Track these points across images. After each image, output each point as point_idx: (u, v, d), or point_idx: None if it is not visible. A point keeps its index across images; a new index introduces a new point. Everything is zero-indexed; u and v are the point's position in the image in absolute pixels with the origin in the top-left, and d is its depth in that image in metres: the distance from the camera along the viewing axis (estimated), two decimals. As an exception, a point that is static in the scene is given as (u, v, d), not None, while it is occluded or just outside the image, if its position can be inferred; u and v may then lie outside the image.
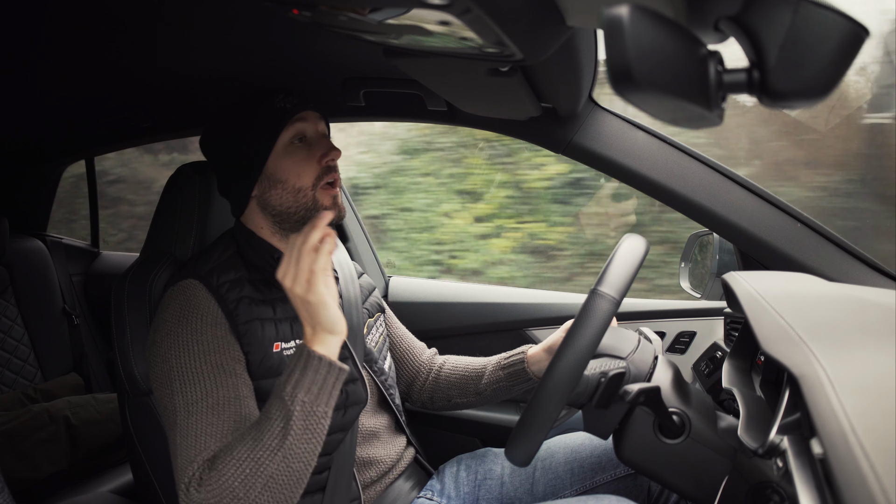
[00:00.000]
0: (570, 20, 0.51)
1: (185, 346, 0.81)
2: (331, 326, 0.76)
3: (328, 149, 0.92)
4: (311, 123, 0.93)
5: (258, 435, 0.72)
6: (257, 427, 0.73)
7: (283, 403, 0.72)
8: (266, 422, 0.72)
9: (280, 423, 0.72)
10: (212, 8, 0.78)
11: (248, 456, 0.71)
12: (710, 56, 0.37)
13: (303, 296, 0.75)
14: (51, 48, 0.93)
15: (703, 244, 1.35)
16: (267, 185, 0.91)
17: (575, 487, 1.01)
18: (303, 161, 0.91)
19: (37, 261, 1.84)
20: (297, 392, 0.73)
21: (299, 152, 0.91)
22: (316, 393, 0.73)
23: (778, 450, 0.57)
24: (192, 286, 0.86)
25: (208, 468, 0.72)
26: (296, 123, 0.91)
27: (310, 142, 0.93)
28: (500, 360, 1.08)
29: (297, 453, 0.72)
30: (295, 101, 0.92)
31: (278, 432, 0.71)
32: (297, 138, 0.92)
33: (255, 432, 0.72)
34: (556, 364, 0.72)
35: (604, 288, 0.74)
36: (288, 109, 0.91)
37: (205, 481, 0.71)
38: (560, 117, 1.06)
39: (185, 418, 0.77)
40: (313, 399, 0.73)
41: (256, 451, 0.71)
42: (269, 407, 0.74)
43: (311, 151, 0.91)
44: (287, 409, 0.72)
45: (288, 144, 0.91)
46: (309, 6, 0.49)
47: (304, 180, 0.90)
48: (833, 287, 0.80)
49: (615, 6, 0.31)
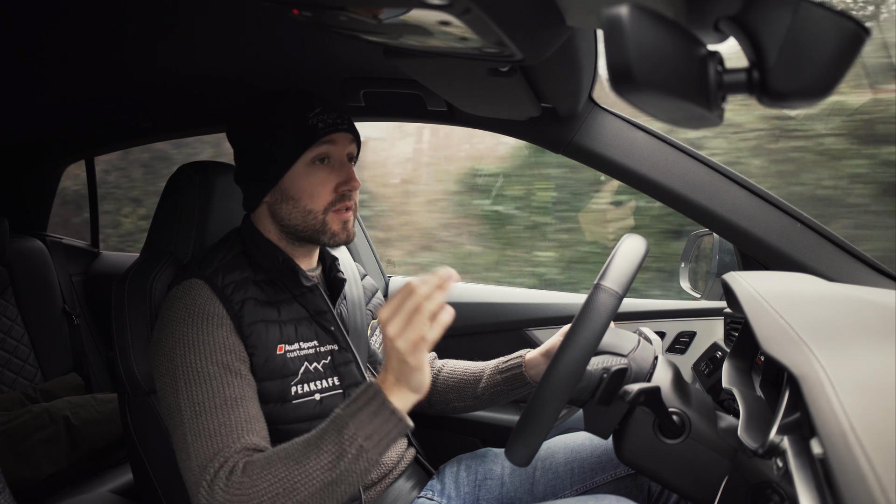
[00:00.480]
0: (570, 20, 0.51)
1: (191, 346, 0.81)
2: (417, 388, 0.72)
3: (348, 178, 0.90)
4: (338, 146, 0.91)
5: (303, 459, 0.71)
6: (304, 451, 0.71)
7: (341, 441, 0.70)
8: (315, 450, 0.71)
9: (331, 456, 0.70)
10: (212, 8, 0.78)
11: (286, 476, 0.70)
12: (710, 56, 0.37)
13: (404, 355, 0.69)
14: (51, 48, 0.93)
15: (703, 244, 1.35)
16: (279, 198, 0.91)
17: (575, 487, 1.01)
18: (319, 184, 0.89)
19: (37, 261, 1.84)
20: (358, 435, 0.70)
21: (318, 174, 0.89)
22: (376, 441, 0.71)
23: (778, 450, 0.57)
24: (196, 286, 0.86)
25: (241, 471, 0.72)
26: (322, 145, 0.89)
27: (332, 164, 0.91)
28: (497, 365, 1.08)
29: (336, 488, 0.71)
30: (329, 119, 0.89)
31: (326, 465, 0.70)
32: (319, 159, 0.90)
33: (301, 456, 0.71)
34: (560, 358, 0.72)
35: (606, 282, 0.74)
36: (319, 129, 0.88)
37: (233, 484, 0.71)
38: (560, 117, 1.06)
39: (191, 418, 0.77)
40: (372, 446, 0.71)
41: (297, 475, 0.70)
42: (324, 436, 0.72)
43: (330, 176, 0.90)
44: (343, 447, 0.70)
45: (309, 164, 0.89)
46: (309, 6, 0.49)
47: (316, 203, 0.89)
48: (833, 287, 0.80)
49: (615, 6, 0.31)
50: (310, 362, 0.91)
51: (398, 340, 0.68)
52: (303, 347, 0.91)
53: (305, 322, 0.93)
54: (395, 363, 0.70)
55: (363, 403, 0.71)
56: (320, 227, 0.90)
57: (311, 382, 0.90)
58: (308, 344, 0.92)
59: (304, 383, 0.89)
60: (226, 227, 1.02)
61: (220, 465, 0.73)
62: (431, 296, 0.69)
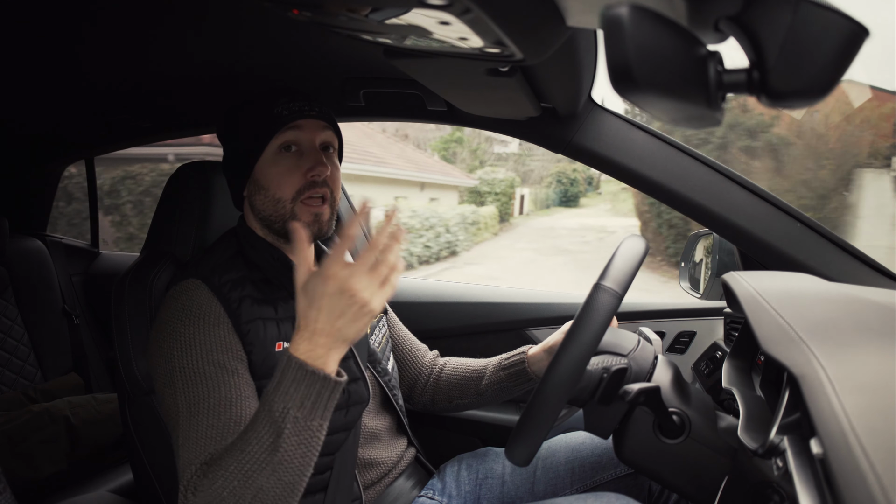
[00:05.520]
0: (570, 20, 0.51)
1: (188, 346, 0.81)
2: (355, 336, 0.70)
3: (315, 163, 0.89)
4: (306, 132, 0.90)
5: (245, 446, 0.68)
6: (244, 439, 0.69)
7: (273, 417, 0.67)
8: (253, 435, 0.68)
9: (269, 437, 0.67)
10: (211, 8, 0.78)
11: (236, 468, 0.68)
12: (710, 56, 0.37)
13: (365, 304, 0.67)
14: (50, 49, 0.93)
15: (702, 244, 1.35)
16: (254, 189, 0.92)
17: (575, 487, 1.01)
18: (287, 171, 0.89)
19: (37, 261, 1.84)
20: (290, 407, 0.67)
21: (286, 161, 0.89)
22: (309, 408, 0.68)
23: (778, 450, 0.57)
24: (194, 286, 0.86)
25: (202, 475, 0.70)
26: (287, 132, 0.89)
27: (301, 151, 0.90)
28: (500, 361, 1.08)
29: (289, 466, 0.68)
30: (296, 106, 0.90)
31: (267, 447, 0.67)
32: (286, 147, 0.90)
33: (242, 444, 0.68)
34: (560, 357, 0.72)
35: (606, 282, 0.74)
36: (284, 116, 0.89)
37: (199, 489, 0.69)
38: (560, 117, 1.06)
39: (186, 419, 0.76)
40: (305, 414, 0.68)
41: (244, 464, 0.68)
42: (257, 419, 0.69)
43: (298, 163, 0.89)
44: (277, 424, 0.67)
45: (277, 152, 0.89)
46: (309, 6, 0.49)
47: (284, 191, 0.89)
48: (833, 287, 0.80)
49: (615, 6, 0.31)
50: None
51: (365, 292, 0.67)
52: None
53: None
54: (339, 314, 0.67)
55: (281, 375, 0.68)
56: (289, 217, 0.89)
57: None
58: None
59: None
60: (226, 227, 1.02)
61: (196, 470, 0.71)
62: (389, 247, 0.70)
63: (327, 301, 0.67)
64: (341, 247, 0.69)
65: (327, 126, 0.93)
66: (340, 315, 0.67)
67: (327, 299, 0.67)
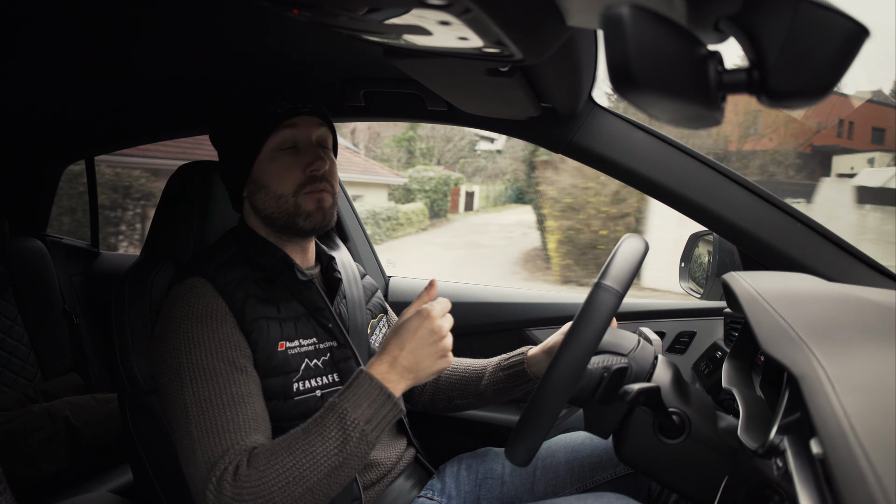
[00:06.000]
0: (570, 20, 0.51)
1: (196, 343, 0.81)
2: (426, 377, 0.81)
3: (313, 158, 0.90)
4: (302, 130, 0.91)
5: (308, 447, 0.74)
6: (307, 439, 0.74)
7: (345, 426, 0.74)
8: (319, 437, 0.74)
9: (336, 442, 0.74)
10: (211, 8, 0.78)
11: (294, 464, 0.72)
12: (710, 56, 0.37)
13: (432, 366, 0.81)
14: (50, 49, 0.93)
15: (703, 244, 1.35)
16: (253, 189, 0.92)
17: (575, 487, 1.01)
18: (286, 169, 0.90)
19: (37, 261, 1.84)
20: (360, 419, 0.75)
21: (284, 159, 0.90)
22: (375, 425, 0.76)
23: (778, 450, 0.57)
24: (199, 284, 0.86)
25: (245, 465, 0.73)
26: (283, 130, 0.90)
27: (299, 149, 0.91)
28: (500, 362, 1.08)
29: (343, 471, 0.75)
30: (289, 104, 0.90)
31: (333, 450, 0.74)
32: (284, 145, 0.91)
33: (305, 444, 0.74)
34: (561, 356, 0.72)
35: (607, 281, 0.74)
36: (278, 115, 0.89)
37: (241, 478, 0.72)
38: (560, 117, 1.06)
39: (199, 414, 0.77)
40: (371, 430, 0.76)
41: (304, 462, 0.72)
42: (325, 423, 0.75)
43: (298, 159, 0.91)
44: (347, 433, 0.74)
45: (274, 151, 0.90)
46: (309, 6, 0.49)
47: (284, 187, 0.90)
48: (833, 287, 0.80)
49: (615, 6, 0.31)
50: (310, 359, 0.91)
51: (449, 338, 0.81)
52: (303, 344, 0.91)
53: (304, 319, 0.93)
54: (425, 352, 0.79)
55: (356, 388, 0.77)
56: (293, 210, 0.91)
57: (312, 379, 0.91)
58: (307, 341, 0.92)
59: (305, 380, 0.90)
60: (226, 227, 1.02)
61: (229, 463, 0.73)
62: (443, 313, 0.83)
63: (419, 336, 0.79)
64: (426, 295, 0.84)
65: (322, 123, 0.94)
66: (425, 353, 0.79)
67: (420, 333, 0.79)
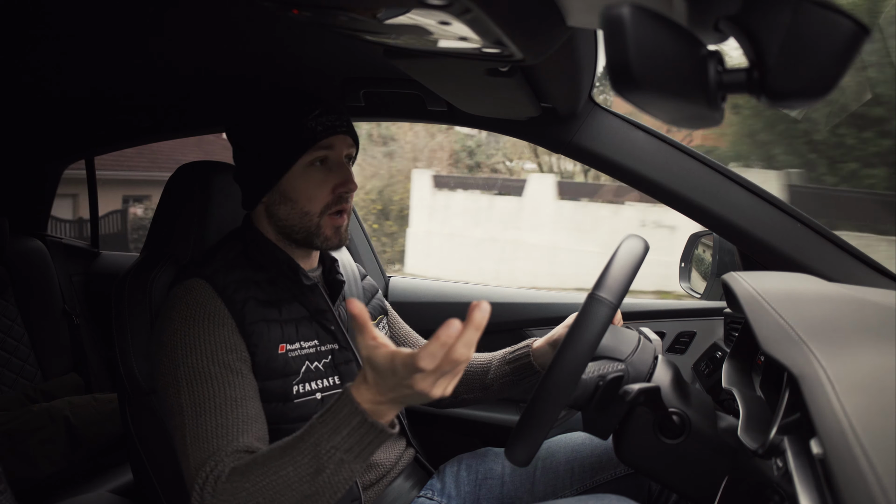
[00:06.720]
0: (570, 20, 0.51)
1: (193, 346, 0.81)
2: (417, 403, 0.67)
3: (345, 179, 0.90)
4: (336, 149, 0.91)
5: (280, 469, 0.69)
6: (280, 462, 0.69)
7: (318, 454, 0.68)
8: (291, 462, 0.69)
9: (309, 469, 0.68)
10: (211, 8, 0.78)
11: (265, 485, 0.69)
12: (710, 56, 0.37)
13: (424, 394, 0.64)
14: (51, 48, 0.93)
15: (703, 244, 1.35)
16: (277, 199, 0.91)
17: (575, 487, 1.01)
18: (316, 186, 0.90)
19: (37, 261, 1.84)
20: (338, 448, 0.68)
21: (316, 175, 0.90)
22: (357, 453, 0.68)
23: (778, 450, 0.57)
24: (198, 285, 0.86)
25: (224, 477, 0.71)
26: (320, 149, 0.89)
27: (330, 166, 0.91)
28: (505, 355, 1.08)
29: (320, 497, 0.70)
30: (328, 122, 0.89)
31: (305, 477, 0.68)
32: (317, 161, 0.90)
33: (277, 465, 0.69)
34: (555, 367, 0.72)
35: (601, 293, 0.74)
36: (318, 132, 0.88)
37: (219, 491, 0.70)
38: (560, 117, 1.06)
39: (192, 418, 0.77)
40: (353, 458, 0.68)
41: (275, 484, 0.68)
42: (300, 448, 0.69)
43: (328, 178, 0.90)
44: (321, 462, 0.68)
45: (307, 166, 0.90)
46: (309, 6, 0.49)
47: (313, 205, 0.90)
48: (833, 287, 0.80)
49: (615, 6, 0.31)
50: (311, 361, 0.91)
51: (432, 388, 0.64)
52: (304, 347, 0.91)
53: (306, 321, 0.93)
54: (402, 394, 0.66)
55: (336, 414, 0.68)
56: (314, 231, 0.91)
57: (313, 381, 0.91)
58: (309, 343, 0.92)
59: (305, 382, 0.90)
60: (226, 227, 1.02)
61: (212, 469, 0.72)
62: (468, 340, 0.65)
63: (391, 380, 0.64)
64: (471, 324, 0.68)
65: (352, 142, 0.94)
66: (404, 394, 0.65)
67: (390, 379, 0.64)
